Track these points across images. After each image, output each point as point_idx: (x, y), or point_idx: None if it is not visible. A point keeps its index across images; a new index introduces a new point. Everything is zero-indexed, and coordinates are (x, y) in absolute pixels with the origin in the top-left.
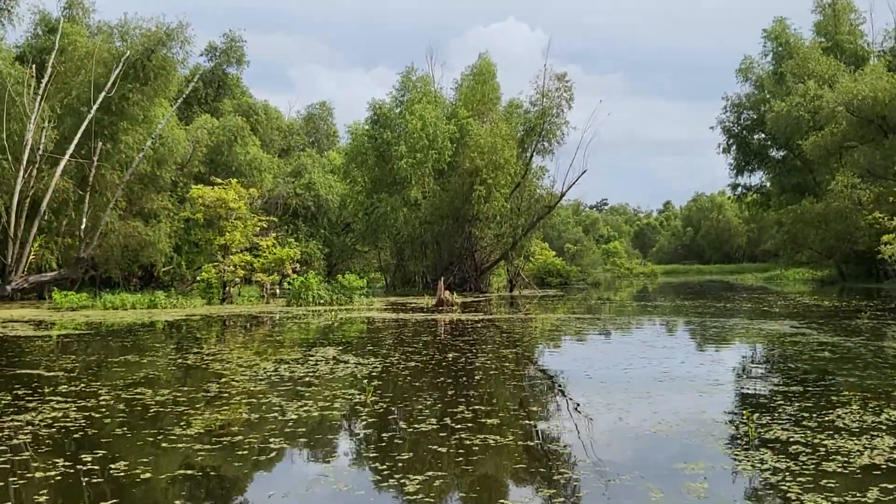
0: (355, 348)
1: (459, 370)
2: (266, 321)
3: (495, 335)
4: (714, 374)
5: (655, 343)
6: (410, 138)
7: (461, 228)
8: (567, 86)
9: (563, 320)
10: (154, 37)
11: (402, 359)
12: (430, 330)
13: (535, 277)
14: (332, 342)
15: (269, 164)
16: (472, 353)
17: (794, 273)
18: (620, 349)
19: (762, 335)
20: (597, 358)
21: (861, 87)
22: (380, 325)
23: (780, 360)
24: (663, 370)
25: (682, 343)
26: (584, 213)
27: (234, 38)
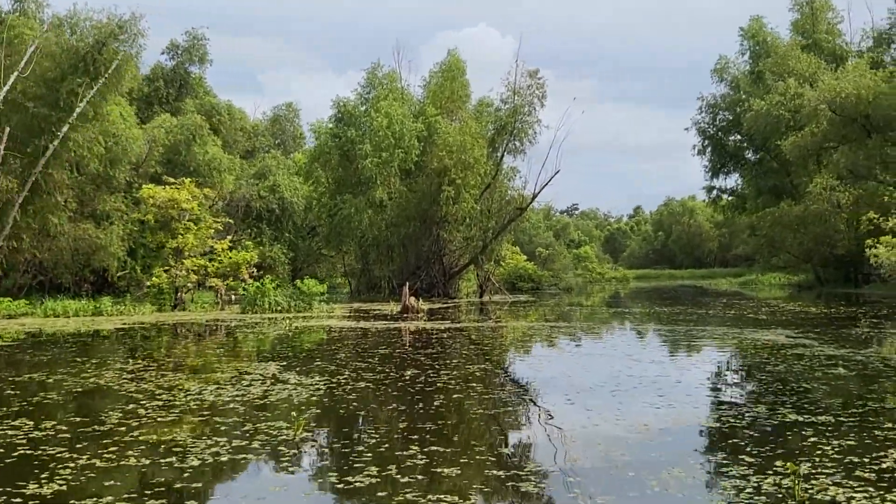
0: (301, 364)
1: (417, 393)
2: (214, 330)
3: (462, 347)
4: (719, 396)
5: (641, 356)
6: (376, 137)
7: (429, 231)
8: (539, 83)
9: (535, 329)
10: (105, 29)
11: (351, 377)
12: (390, 341)
13: (506, 282)
14: (278, 356)
15: (231, 165)
16: (434, 369)
17: (769, 278)
18: (603, 364)
19: (759, 346)
20: (578, 375)
21: (844, 84)
22: (336, 336)
23: (792, 380)
24: (658, 393)
25: (671, 357)
26: (554, 218)
27: (197, 37)
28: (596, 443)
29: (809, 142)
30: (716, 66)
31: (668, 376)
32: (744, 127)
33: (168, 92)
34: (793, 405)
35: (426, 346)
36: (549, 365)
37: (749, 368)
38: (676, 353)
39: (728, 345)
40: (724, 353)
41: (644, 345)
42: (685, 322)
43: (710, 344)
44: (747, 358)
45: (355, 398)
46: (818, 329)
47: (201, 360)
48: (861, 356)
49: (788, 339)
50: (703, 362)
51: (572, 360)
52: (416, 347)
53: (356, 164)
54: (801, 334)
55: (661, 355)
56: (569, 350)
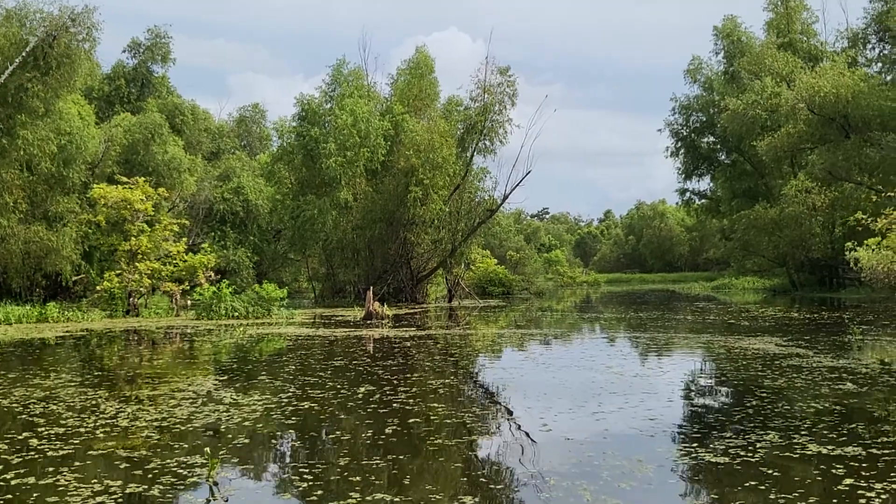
0: (244, 379)
1: (368, 417)
2: (161, 339)
3: (427, 357)
4: (718, 419)
5: (623, 368)
6: (340, 135)
7: (395, 233)
8: (510, 81)
9: (505, 336)
10: (57, 21)
11: (296, 396)
12: (348, 351)
13: (477, 287)
14: (219, 370)
15: (192, 166)
16: (392, 385)
17: (743, 282)
18: (583, 379)
19: (749, 357)
20: (554, 391)
21: (823, 83)
22: (291, 345)
23: (798, 397)
24: (647, 415)
25: (655, 369)
26: (525, 222)
27: (160, 35)
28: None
29: (786, 142)
30: (689, 67)
31: (655, 393)
32: (718, 128)
33: (129, 91)
34: (808, 431)
35: (386, 357)
36: (522, 379)
37: (745, 383)
38: (661, 365)
39: (716, 355)
40: (714, 365)
41: (624, 355)
42: (665, 329)
43: (696, 354)
44: (741, 371)
45: (295, 423)
46: (807, 336)
47: (134, 373)
48: (865, 367)
49: (779, 349)
50: (692, 375)
51: (547, 374)
52: (375, 358)
53: (320, 164)
54: (791, 342)
55: (645, 367)
56: (543, 361)
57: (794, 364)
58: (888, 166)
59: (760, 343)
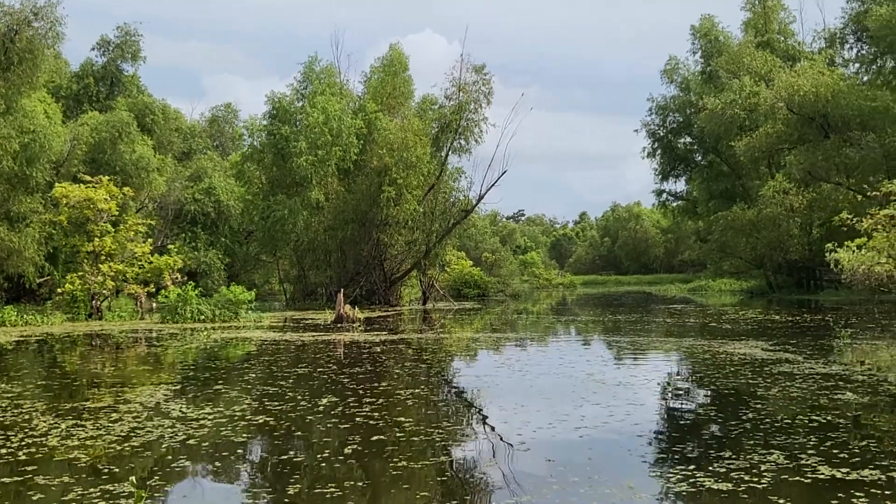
0: (198, 388)
1: (327, 434)
2: (121, 344)
3: (397, 363)
4: (714, 434)
5: (605, 376)
6: (311, 133)
7: (368, 234)
8: (486, 79)
9: (480, 341)
10: (18, 16)
11: (251, 408)
12: (314, 357)
13: (452, 289)
14: (175, 377)
15: (162, 166)
16: (357, 395)
17: (719, 284)
18: (564, 388)
19: (737, 363)
20: (536, 408)
21: (803, 82)
22: (255, 350)
23: (797, 410)
24: (637, 431)
25: (640, 379)
26: (501, 224)
27: (129, 32)
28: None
29: (764, 142)
30: (665, 67)
31: (642, 404)
32: (695, 129)
33: (98, 90)
34: (816, 451)
35: (354, 364)
36: (497, 389)
37: (738, 393)
38: (645, 372)
39: (702, 361)
40: (702, 372)
41: (604, 361)
42: (645, 332)
43: (680, 360)
44: (730, 378)
45: (245, 441)
46: (793, 340)
47: (80, 382)
48: (860, 375)
49: (767, 354)
50: (679, 383)
51: (524, 382)
52: (342, 365)
53: (291, 163)
54: (778, 347)
55: (627, 374)
56: (519, 368)
57: (786, 371)
58: (868, 167)
59: (746, 348)
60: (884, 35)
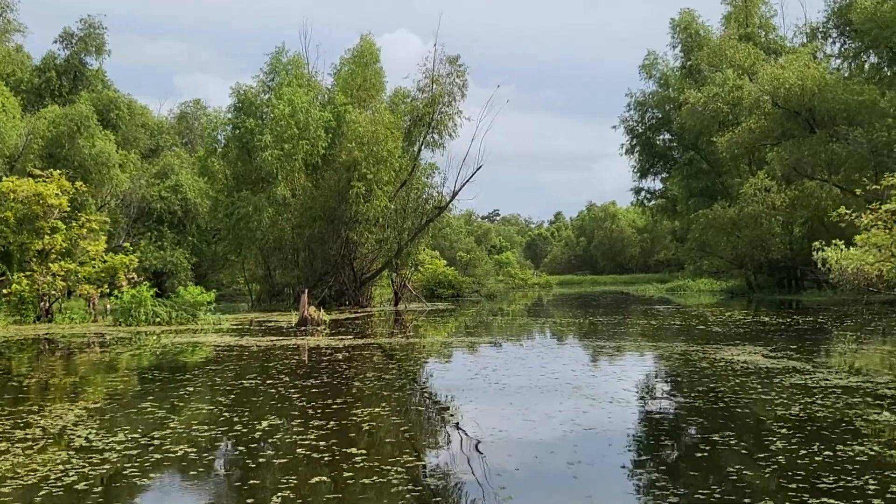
0: (121, 406)
1: (257, 472)
2: (59, 350)
3: (358, 374)
4: (743, 481)
5: (595, 391)
6: (277, 126)
7: (337, 232)
8: (460, 71)
9: (453, 346)
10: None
11: (174, 433)
12: (268, 366)
13: (425, 289)
14: (99, 392)
15: (125, 162)
16: (306, 416)
17: (697, 284)
18: (549, 408)
19: (740, 372)
20: (517, 433)
21: (788, 74)
22: (203, 359)
23: (835, 437)
24: (647, 476)
25: (634, 394)
26: (476, 223)
27: (94, 25)
28: None
29: (747, 138)
30: (644, 63)
31: (644, 431)
32: (674, 125)
33: (61, 84)
34: (875, 492)
35: (310, 375)
36: (472, 408)
37: (754, 413)
38: (639, 386)
39: (701, 371)
40: (703, 386)
41: (591, 371)
42: (631, 336)
43: (676, 369)
44: (738, 393)
45: (145, 486)
46: (793, 345)
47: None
48: (886, 388)
49: (770, 361)
50: (683, 401)
51: (503, 400)
52: (296, 376)
53: (255, 158)
54: (779, 353)
55: (619, 388)
56: (497, 380)
57: (798, 383)
58: (855, 162)
59: (744, 354)
60: (868, 29)
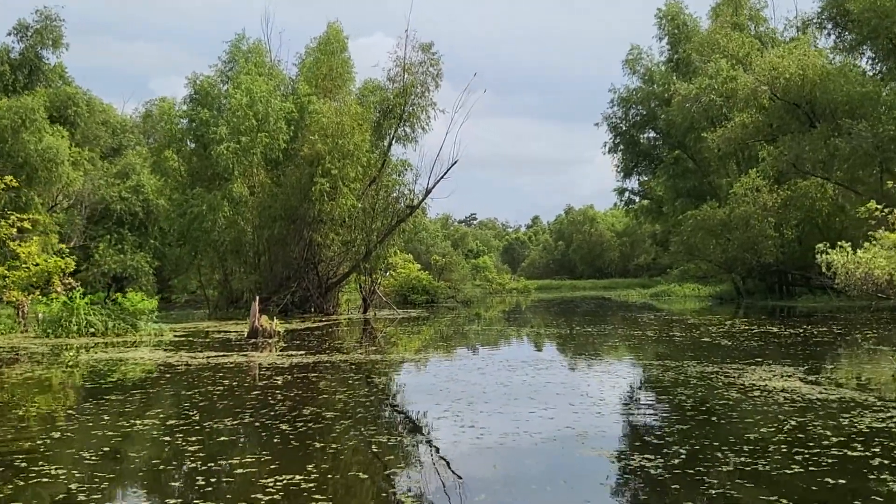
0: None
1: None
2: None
3: (292, 410)
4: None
5: (604, 442)
6: (234, 117)
7: (299, 234)
8: (434, 59)
9: (423, 364)
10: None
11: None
12: (183, 395)
13: (398, 295)
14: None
15: (78, 159)
16: (188, 486)
17: (683, 289)
18: (549, 461)
19: (786, 406)
20: (510, 494)
21: (788, 63)
22: (114, 382)
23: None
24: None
25: (655, 440)
26: (453, 227)
27: (50, 17)
28: None
29: (740, 134)
30: (627, 57)
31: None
32: (660, 122)
33: (16, 78)
34: None
35: (229, 412)
36: (443, 466)
37: (854, 488)
38: (660, 426)
39: (734, 403)
40: (751, 429)
41: (594, 401)
42: (632, 352)
43: (703, 400)
44: (802, 447)
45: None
46: (829, 364)
47: None
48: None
49: (815, 389)
50: (734, 455)
51: (484, 456)
52: (209, 413)
53: (210, 152)
54: (818, 375)
55: (631, 432)
56: (473, 416)
57: (879, 426)
58: (859, 158)
59: (775, 378)
60: (867, 19)
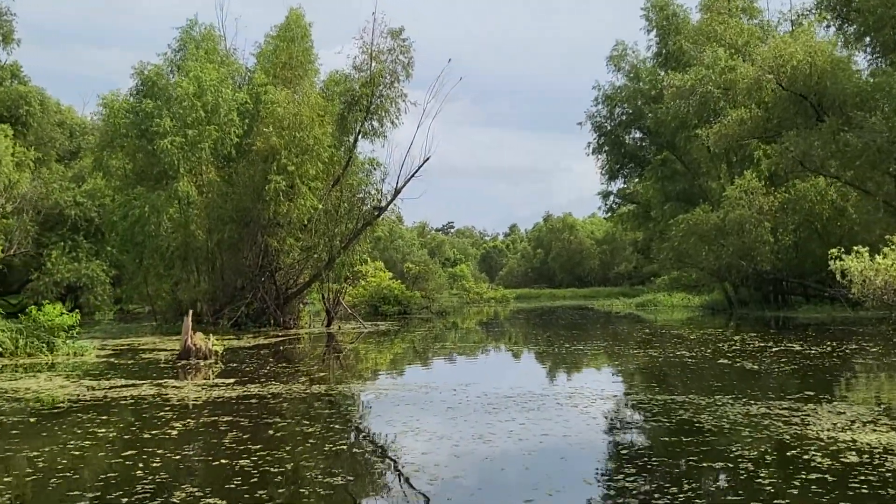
0: None
1: None
2: None
3: (182, 483)
4: None
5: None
6: (180, 108)
7: (253, 238)
8: (405, 46)
9: (385, 407)
10: None
11: None
12: (43, 454)
13: (368, 305)
14: None
15: (23, 160)
16: None
17: (670, 298)
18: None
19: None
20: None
21: (795, 49)
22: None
23: None
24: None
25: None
26: (430, 236)
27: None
28: None
29: (738, 130)
30: (612, 54)
31: None
32: (647, 121)
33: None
34: None
35: (84, 484)
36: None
37: None
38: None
39: (823, 472)
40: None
41: (620, 472)
42: (645, 380)
43: (771, 466)
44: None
45: None
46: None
47: None
48: None
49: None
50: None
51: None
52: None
53: (155, 147)
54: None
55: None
56: (457, 493)
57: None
58: (872, 155)
59: (857, 427)
60: (872, 7)
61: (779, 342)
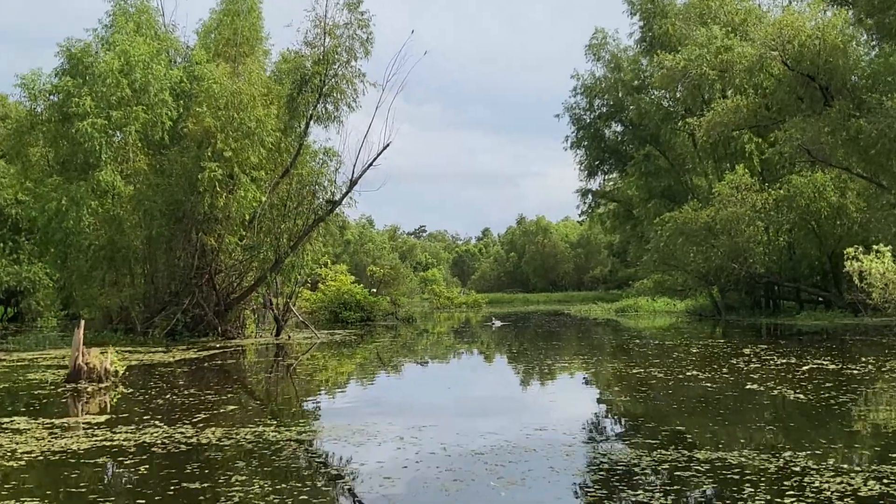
0: None
1: None
2: None
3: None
4: None
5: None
6: (102, 86)
7: (187, 235)
8: (363, 20)
9: (327, 453)
10: None
11: None
12: None
13: (328, 311)
14: None
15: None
16: None
17: (653, 303)
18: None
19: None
20: None
21: (802, 23)
22: None
23: None
24: None
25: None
26: (401, 239)
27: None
28: None
29: (733, 119)
30: (591, 42)
31: None
32: (629, 113)
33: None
34: None
35: None
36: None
37: None
38: None
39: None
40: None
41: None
42: (653, 417)
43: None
44: None
45: None
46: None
47: None
48: None
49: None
50: None
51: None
52: None
53: (76, 131)
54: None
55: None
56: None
57: None
58: (889, 143)
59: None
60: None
61: (802, 357)
